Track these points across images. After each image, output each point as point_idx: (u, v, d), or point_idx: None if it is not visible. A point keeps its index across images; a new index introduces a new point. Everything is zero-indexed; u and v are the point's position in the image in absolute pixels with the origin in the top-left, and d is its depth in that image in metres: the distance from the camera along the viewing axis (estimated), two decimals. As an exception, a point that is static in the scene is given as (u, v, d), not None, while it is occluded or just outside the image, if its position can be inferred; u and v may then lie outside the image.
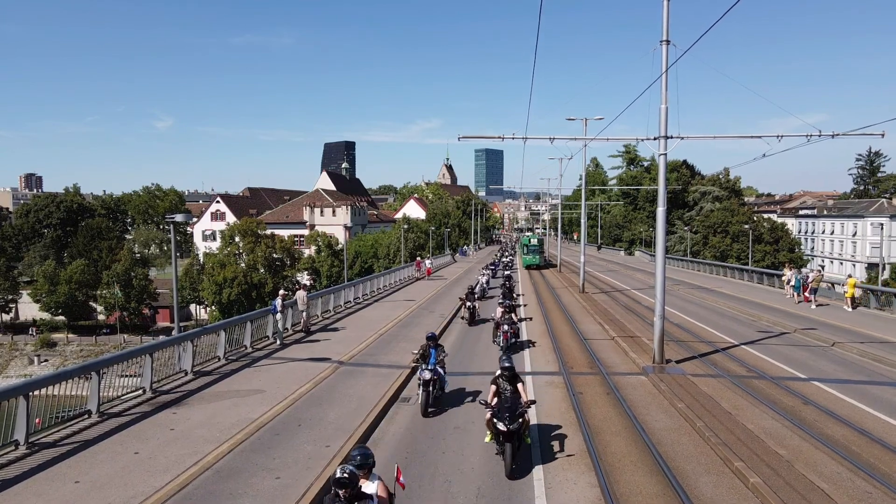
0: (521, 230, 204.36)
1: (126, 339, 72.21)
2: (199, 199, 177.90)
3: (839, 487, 9.65)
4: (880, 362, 18.62)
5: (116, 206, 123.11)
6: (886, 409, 13.88)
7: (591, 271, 52.20)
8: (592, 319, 27.29)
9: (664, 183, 18.02)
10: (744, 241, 76.10)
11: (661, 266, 18.09)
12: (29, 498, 9.10)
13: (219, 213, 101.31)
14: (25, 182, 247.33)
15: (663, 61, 16.84)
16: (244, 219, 78.91)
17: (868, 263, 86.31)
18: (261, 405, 13.77)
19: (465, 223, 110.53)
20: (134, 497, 9.10)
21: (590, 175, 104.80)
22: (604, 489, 9.73)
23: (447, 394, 14.81)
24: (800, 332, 23.64)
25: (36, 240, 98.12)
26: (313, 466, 10.34)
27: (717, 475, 10.31)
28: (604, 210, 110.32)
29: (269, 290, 63.99)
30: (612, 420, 13.37)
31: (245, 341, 20.00)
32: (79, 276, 74.63)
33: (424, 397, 13.72)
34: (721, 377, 16.74)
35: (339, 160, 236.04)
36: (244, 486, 9.56)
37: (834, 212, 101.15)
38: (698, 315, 28.56)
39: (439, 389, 14.15)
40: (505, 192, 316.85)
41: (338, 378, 16.47)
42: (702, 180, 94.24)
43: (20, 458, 10.61)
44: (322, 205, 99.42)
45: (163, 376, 15.74)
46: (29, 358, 69.45)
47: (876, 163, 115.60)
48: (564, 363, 18.76)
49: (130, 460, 10.55)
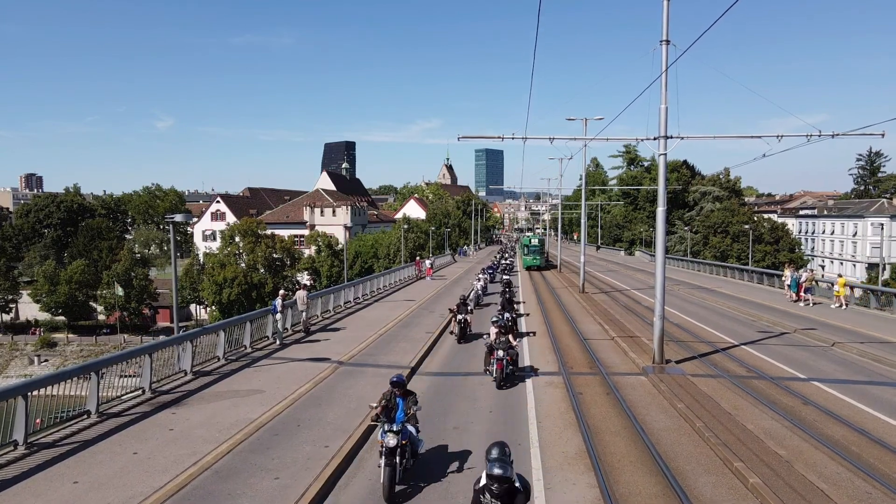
0: (521, 230, 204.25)
1: (126, 339, 72.19)
2: (199, 199, 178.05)
3: (839, 488, 9.64)
4: (880, 362, 18.60)
5: (116, 206, 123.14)
6: (886, 409, 13.86)
7: (590, 271, 52.18)
8: (592, 319, 27.27)
9: (664, 183, 18.00)
10: (744, 241, 76.08)
11: (661, 266, 18.07)
12: (28, 498, 9.09)
13: (219, 213, 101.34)
14: (26, 182, 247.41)
15: (663, 61, 16.82)
16: (244, 219, 78.92)
17: (868, 263, 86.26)
18: (260, 405, 13.76)
19: (465, 223, 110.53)
20: (133, 497, 9.09)
21: (590, 175, 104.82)
22: (603, 489, 9.72)
23: (424, 455, 10.73)
24: (800, 332, 23.62)
25: (36, 240, 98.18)
26: (312, 467, 10.33)
27: (717, 475, 10.30)
28: (604, 210, 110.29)
29: (270, 290, 63.97)
30: (612, 420, 13.35)
31: (245, 341, 19.99)
32: (79, 276, 74.64)
33: (388, 473, 9.38)
34: (721, 377, 16.72)
35: (339, 160, 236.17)
36: (243, 487, 9.55)
37: (834, 212, 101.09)
38: (698, 315, 28.54)
39: (410, 458, 9.98)
40: (505, 193, 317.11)
41: (337, 378, 16.46)
42: (702, 180, 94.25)
43: (19, 458, 10.60)
44: (322, 205, 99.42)
45: (162, 376, 15.73)
46: (29, 358, 69.44)
47: (876, 163, 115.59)
48: (564, 363, 18.74)
49: (129, 460, 10.54)
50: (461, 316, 22.92)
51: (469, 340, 22.54)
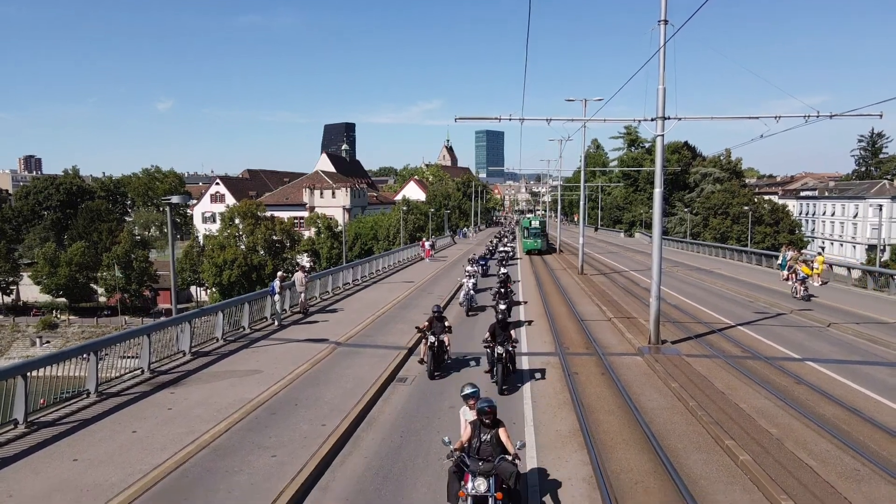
0: (521, 212, 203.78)
1: (127, 321, 72.42)
2: (198, 182, 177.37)
3: (827, 464, 9.77)
4: (875, 343, 18.73)
5: (116, 189, 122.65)
6: (878, 388, 14.00)
7: (589, 253, 52.21)
8: (590, 301, 27.39)
9: (661, 164, 17.98)
10: (744, 222, 76.05)
11: (658, 247, 18.12)
12: (28, 475, 9.23)
13: (218, 195, 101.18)
14: (24, 164, 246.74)
15: (661, 41, 16.71)
16: (244, 201, 78.83)
17: (868, 245, 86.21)
18: (258, 385, 13.89)
19: (465, 205, 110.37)
20: (132, 475, 9.23)
21: (590, 156, 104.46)
22: (595, 467, 9.86)
23: None
24: (796, 312, 23.73)
25: (36, 222, 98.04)
26: (309, 445, 10.46)
27: (708, 453, 10.44)
28: (604, 192, 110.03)
29: (269, 271, 64.06)
30: (607, 399, 13.49)
31: (243, 322, 20.10)
32: (79, 258, 74.73)
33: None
34: (716, 357, 16.85)
35: (339, 142, 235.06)
36: (241, 464, 9.69)
37: (835, 193, 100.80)
38: (696, 296, 28.65)
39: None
40: (505, 174, 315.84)
41: (335, 359, 16.59)
42: (703, 162, 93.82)
43: (19, 436, 10.73)
44: (322, 187, 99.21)
45: (161, 357, 15.86)
46: (31, 340, 69.85)
47: (878, 144, 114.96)
48: (561, 344, 18.87)
49: (129, 439, 10.68)
50: (434, 338, 15.28)
51: (447, 372, 15.55)
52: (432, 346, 15.27)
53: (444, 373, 15.54)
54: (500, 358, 14.04)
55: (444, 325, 15.79)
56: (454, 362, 16.48)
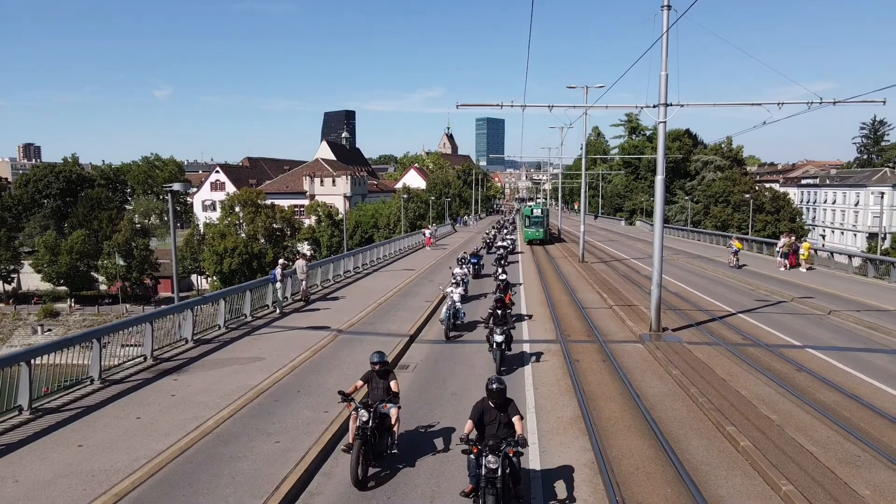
0: (522, 200, 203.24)
1: (128, 309, 72.53)
2: (198, 170, 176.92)
3: (828, 450, 9.83)
4: (876, 330, 18.76)
5: (116, 177, 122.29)
6: (879, 375, 14.04)
7: (590, 241, 52.14)
8: (591, 289, 27.41)
9: (663, 151, 17.93)
10: (745, 210, 75.98)
11: (660, 235, 18.11)
12: (33, 461, 9.30)
13: (218, 183, 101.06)
14: (24, 152, 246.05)
15: (664, 27, 16.60)
16: (244, 189, 78.75)
17: (869, 233, 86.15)
18: (260, 372, 13.95)
19: (465, 193, 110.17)
20: (136, 460, 9.29)
21: (591, 144, 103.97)
22: (597, 453, 9.92)
23: None
24: (797, 300, 23.75)
25: (36, 210, 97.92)
26: (312, 431, 10.53)
27: (709, 439, 10.50)
28: (605, 180, 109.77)
29: (270, 259, 64.17)
30: (608, 386, 13.55)
31: (245, 310, 20.15)
32: (80, 246, 74.72)
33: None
34: (716, 345, 16.89)
35: (339, 129, 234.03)
36: (244, 450, 9.75)
37: (836, 181, 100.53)
38: (697, 284, 28.67)
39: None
40: (506, 162, 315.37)
41: (337, 346, 16.64)
42: (704, 150, 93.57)
43: (24, 422, 10.80)
44: (322, 175, 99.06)
45: (164, 344, 15.92)
46: (32, 328, 70.00)
47: (880, 132, 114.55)
48: (562, 331, 18.91)
49: (132, 425, 10.74)
50: (366, 413, 9.21)
51: (381, 483, 9.21)
52: (363, 429, 9.08)
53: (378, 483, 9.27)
54: None
55: (387, 384, 9.84)
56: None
